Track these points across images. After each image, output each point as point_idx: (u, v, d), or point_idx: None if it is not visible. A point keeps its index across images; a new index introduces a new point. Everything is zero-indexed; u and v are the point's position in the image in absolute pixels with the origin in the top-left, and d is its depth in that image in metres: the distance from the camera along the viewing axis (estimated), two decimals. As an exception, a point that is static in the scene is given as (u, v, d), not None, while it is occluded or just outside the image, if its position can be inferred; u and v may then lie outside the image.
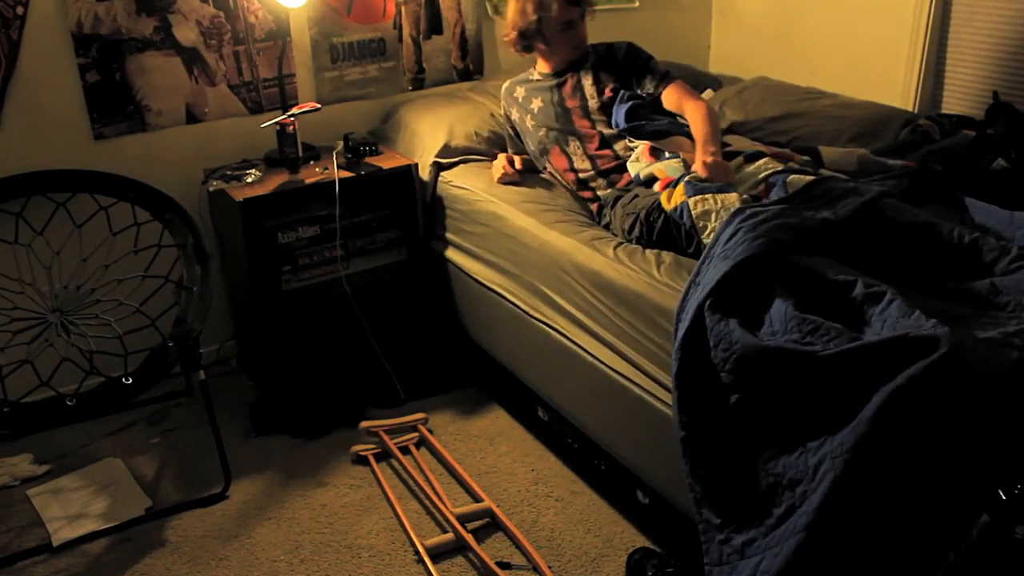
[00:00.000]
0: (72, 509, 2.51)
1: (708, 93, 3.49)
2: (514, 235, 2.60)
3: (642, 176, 2.49)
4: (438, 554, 2.29)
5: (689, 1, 3.91)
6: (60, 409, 2.54)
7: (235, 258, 2.93)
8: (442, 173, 2.98)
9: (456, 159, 3.00)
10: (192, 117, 2.97)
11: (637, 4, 3.73)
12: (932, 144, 2.81)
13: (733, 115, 3.22)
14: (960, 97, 3.18)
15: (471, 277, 2.83)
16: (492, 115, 3.14)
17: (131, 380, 2.54)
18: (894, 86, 3.29)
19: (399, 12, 3.25)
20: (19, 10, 2.60)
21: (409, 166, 2.93)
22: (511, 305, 2.63)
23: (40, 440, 2.78)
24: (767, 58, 3.73)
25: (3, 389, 2.58)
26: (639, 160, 2.54)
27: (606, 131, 2.66)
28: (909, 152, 2.78)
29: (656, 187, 2.42)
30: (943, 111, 3.20)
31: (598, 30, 2.84)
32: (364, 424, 2.74)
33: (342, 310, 2.88)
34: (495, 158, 2.94)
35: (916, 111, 3.20)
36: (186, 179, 2.95)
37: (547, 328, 2.47)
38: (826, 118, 3.06)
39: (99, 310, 2.65)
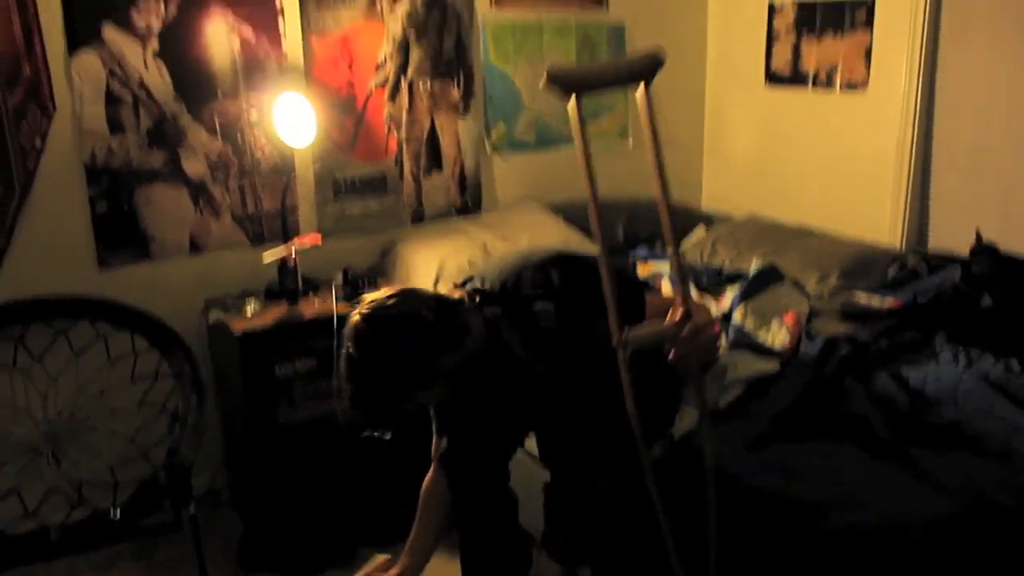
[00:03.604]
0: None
1: (700, 230, 3.58)
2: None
3: None
4: None
5: (681, 140, 4.05)
6: (44, 542, 2.49)
7: (231, 389, 2.92)
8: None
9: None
10: (195, 247, 3.03)
11: (631, 142, 3.87)
12: (920, 281, 2.87)
13: (725, 252, 3.29)
14: (945, 234, 3.27)
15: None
16: (485, 246, 3.19)
17: (119, 513, 2.50)
18: (881, 223, 3.38)
19: (400, 149, 3.36)
20: (37, 142, 2.68)
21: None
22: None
23: (22, 574, 2.70)
24: (757, 195, 3.84)
25: (-13, 520, 2.54)
26: None
27: None
28: (898, 289, 2.84)
29: None
30: (929, 248, 3.28)
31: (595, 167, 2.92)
32: None
33: (337, 444, 2.86)
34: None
35: (903, 248, 3.29)
36: (186, 308, 2.98)
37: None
38: (816, 256, 3.13)
39: (91, 439, 2.63)
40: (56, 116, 2.71)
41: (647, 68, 1.47)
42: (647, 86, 1.49)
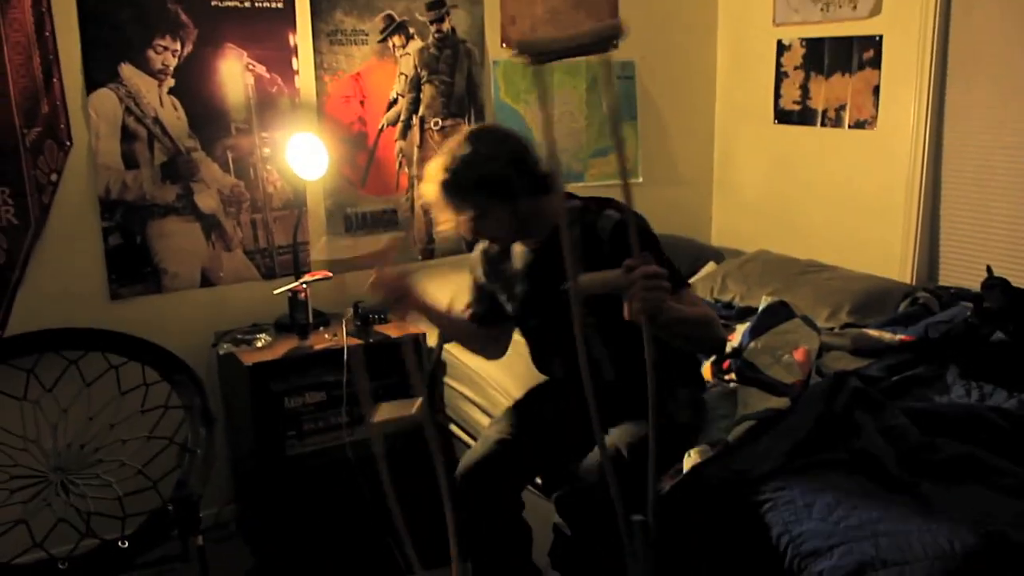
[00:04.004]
0: None
1: (711, 266, 3.58)
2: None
3: None
4: None
5: (691, 176, 4.08)
6: (51, 572, 2.48)
7: (240, 421, 2.93)
8: (446, 345, 3.02)
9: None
10: (207, 280, 3.05)
11: (641, 180, 3.89)
12: (932, 316, 2.86)
13: (736, 287, 3.29)
14: (956, 269, 3.26)
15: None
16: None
17: (127, 543, 2.50)
18: (891, 260, 3.38)
19: (411, 185, 3.39)
20: (53, 177, 2.73)
21: (417, 335, 2.97)
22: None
23: (27, 606, 2.69)
24: (767, 231, 3.85)
25: (-5, 550, 2.54)
26: None
27: None
28: (910, 324, 2.83)
29: None
30: (940, 283, 3.27)
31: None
32: None
33: (345, 477, 2.85)
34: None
35: (914, 283, 3.28)
36: (197, 341, 2.99)
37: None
38: (827, 291, 3.13)
39: (101, 470, 2.64)
40: (72, 151, 2.75)
41: (608, 35, 1.58)
42: (607, 52, 1.60)
